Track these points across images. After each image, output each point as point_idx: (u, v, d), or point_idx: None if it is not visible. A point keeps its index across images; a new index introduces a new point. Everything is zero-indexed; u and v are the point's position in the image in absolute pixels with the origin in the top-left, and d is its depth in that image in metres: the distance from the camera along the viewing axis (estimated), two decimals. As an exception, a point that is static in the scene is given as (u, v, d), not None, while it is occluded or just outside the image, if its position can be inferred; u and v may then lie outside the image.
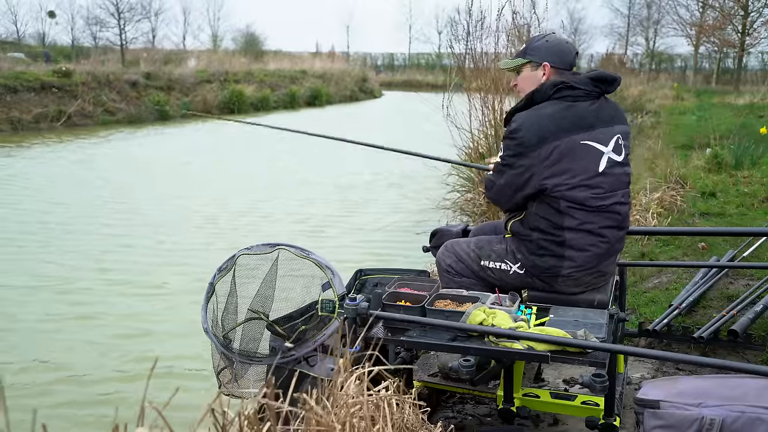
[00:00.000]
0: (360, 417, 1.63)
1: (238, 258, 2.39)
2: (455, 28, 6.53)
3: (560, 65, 2.37)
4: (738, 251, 4.33)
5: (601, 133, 2.27)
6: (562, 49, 2.39)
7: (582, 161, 2.22)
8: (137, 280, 5.29)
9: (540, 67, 2.38)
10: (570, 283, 2.29)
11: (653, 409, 1.95)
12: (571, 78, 2.30)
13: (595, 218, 2.24)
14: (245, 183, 9.63)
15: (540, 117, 2.24)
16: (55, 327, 4.41)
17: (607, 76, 2.34)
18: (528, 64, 2.41)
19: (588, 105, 2.28)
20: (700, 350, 3.18)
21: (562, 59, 2.38)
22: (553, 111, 2.24)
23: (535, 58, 2.38)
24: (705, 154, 8.08)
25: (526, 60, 2.41)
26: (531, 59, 2.39)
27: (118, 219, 7.28)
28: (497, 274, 2.39)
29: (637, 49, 39.84)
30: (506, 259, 2.37)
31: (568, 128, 2.21)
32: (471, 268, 2.43)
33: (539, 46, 2.39)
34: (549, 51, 2.37)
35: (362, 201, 8.52)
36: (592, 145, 2.24)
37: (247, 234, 6.71)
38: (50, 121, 16.08)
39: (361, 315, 2.16)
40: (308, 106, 25.13)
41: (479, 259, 2.41)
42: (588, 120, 2.26)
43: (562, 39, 2.45)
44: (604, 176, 2.25)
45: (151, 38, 41.34)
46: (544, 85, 2.30)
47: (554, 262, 2.26)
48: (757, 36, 24.90)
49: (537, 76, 2.38)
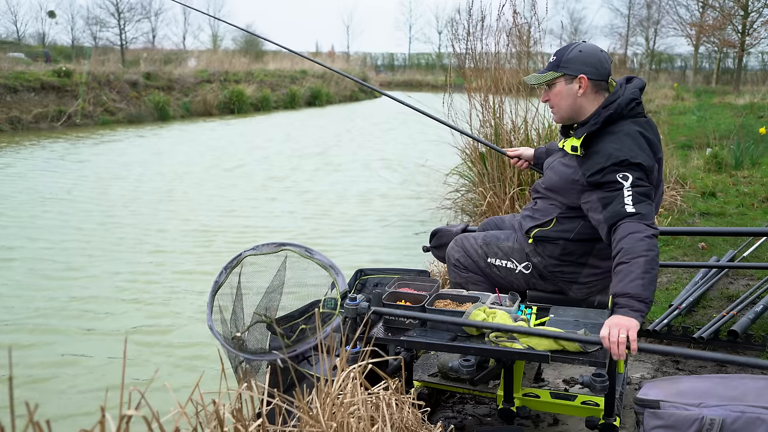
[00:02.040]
0: (359, 417, 1.63)
1: (244, 257, 2.40)
2: (456, 28, 6.50)
3: (597, 77, 2.20)
4: (738, 251, 4.33)
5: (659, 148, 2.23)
6: (600, 58, 2.21)
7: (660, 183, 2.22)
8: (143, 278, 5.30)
9: (575, 80, 2.20)
10: (584, 290, 2.30)
11: (653, 409, 1.95)
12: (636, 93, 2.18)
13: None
14: (243, 183, 9.62)
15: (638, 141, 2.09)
16: (56, 328, 4.41)
17: (643, 84, 2.25)
18: (561, 78, 2.22)
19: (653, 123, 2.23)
20: (700, 350, 3.18)
21: (599, 70, 2.20)
22: (640, 131, 2.12)
23: (570, 70, 2.20)
24: (705, 154, 8.08)
25: (559, 73, 2.22)
26: (565, 72, 2.21)
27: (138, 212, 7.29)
28: (503, 272, 2.39)
29: (637, 49, 39.85)
30: (512, 258, 2.36)
31: (657, 148, 2.17)
32: (478, 264, 2.43)
33: (573, 58, 2.20)
34: (585, 62, 2.19)
35: (362, 201, 8.52)
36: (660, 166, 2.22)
37: (246, 234, 6.72)
38: (50, 121, 16.08)
39: (361, 315, 2.16)
40: (308, 106, 25.13)
41: (486, 257, 2.41)
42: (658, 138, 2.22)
43: (596, 47, 2.26)
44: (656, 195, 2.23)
45: (151, 38, 41.44)
46: (618, 106, 2.14)
47: (575, 268, 2.26)
48: (757, 36, 24.88)
49: (573, 90, 2.21)
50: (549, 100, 2.28)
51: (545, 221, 2.31)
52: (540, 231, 2.31)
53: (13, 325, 4.40)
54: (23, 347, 4.09)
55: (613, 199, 2.05)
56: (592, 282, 2.27)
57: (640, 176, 2.05)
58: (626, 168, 2.05)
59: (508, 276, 2.38)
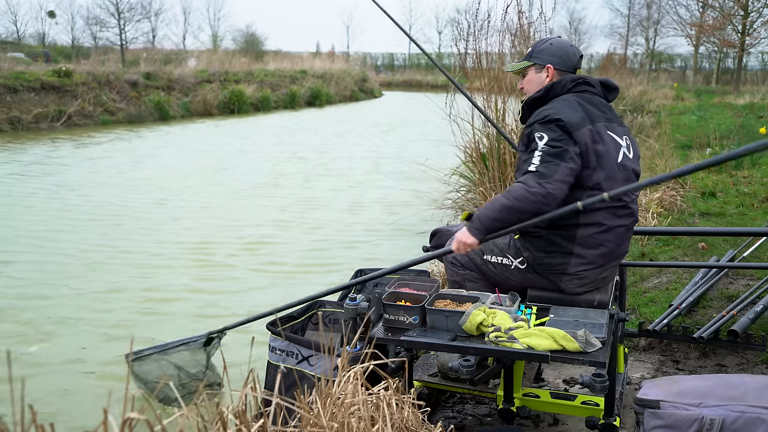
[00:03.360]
0: (359, 417, 1.63)
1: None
2: (459, 27, 6.52)
3: (563, 68, 2.43)
4: (738, 251, 4.33)
5: (617, 126, 2.34)
6: (567, 51, 2.44)
7: (611, 150, 2.25)
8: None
9: (543, 69, 2.43)
10: (575, 282, 2.29)
11: (653, 409, 1.95)
12: (586, 76, 2.38)
13: (609, 215, 2.25)
14: (242, 182, 9.62)
15: (570, 103, 2.27)
16: (57, 326, 4.41)
17: (611, 84, 2.45)
18: (533, 67, 2.46)
19: (603, 101, 2.37)
20: (700, 350, 3.18)
21: (565, 62, 2.43)
22: (579, 99, 2.29)
23: (540, 60, 2.44)
24: (705, 154, 8.09)
25: (530, 63, 2.46)
26: (536, 62, 2.45)
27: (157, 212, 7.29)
28: (498, 268, 2.41)
29: (637, 49, 39.85)
30: (507, 254, 2.38)
31: (596, 115, 2.27)
32: (474, 261, 2.45)
33: (544, 49, 2.44)
34: (553, 53, 2.42)
35: (362, 201, 8.52)
36: (612, 136, 2.29)
37: (247, 232, 6.72)
38: (50, 121, 16.08)
39: (361, 315, 2.17)
40: (308, 106, 25.13)
41: (482, 253, 2.43)
42: (606, 113, 2.33)
43: (567, 42, 2.50)
44: (621, 169, 2.27)
45: (151, 38, 41.45)
46: (564, 79, 2.36)
47: (562, 259, 2.26)
48: (757, 36, 24.89)
49: (541, 78, 2.44)
50: (523, 87, 2.51)
51: None
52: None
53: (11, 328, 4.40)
54: (24, 349, 4.08)
55: (527, 161, 2.21)
56: (581, 273, 2.27)
57: (557, 137, 2.16)
58: (544, 125, 2.20)
59: (504, 272, 2.39)
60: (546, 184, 2.11)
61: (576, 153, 2.16)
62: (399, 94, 32.24)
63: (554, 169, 2.12)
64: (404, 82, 40.28)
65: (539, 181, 2.12)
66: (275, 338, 2.46)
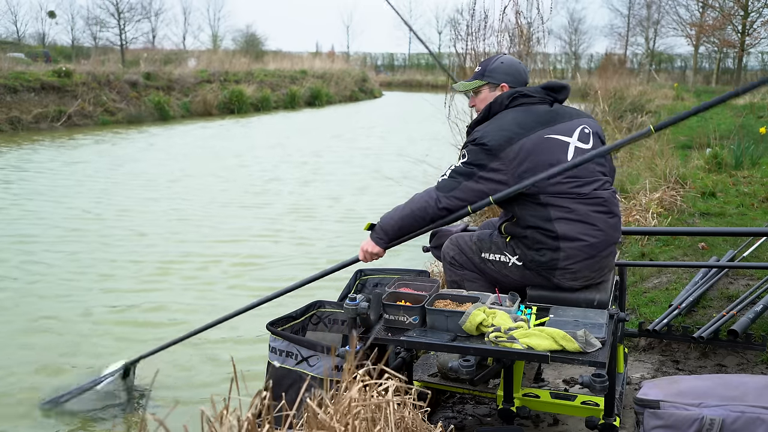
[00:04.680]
0: (362, 418, 1.63)
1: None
2: (458, 28, 6.52)
3: (516, 84, 2.52)
4: (738, 251, 4.33)
5: (562, 126, 2.38)
6: (518, 69, 2.55)
7: (550, 154, 2.31)
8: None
9: (498, 88, 2.52)
10: (568, 276, 2.30)
11: (653, 409, 1.95)
12: (524, 88, 2.47)
13: (580, 206, 2.29)
14: (240, 183, 9.63)
15: (501, 123, 2.36)
16: (59, 325, 4.41)
17: (556, 84, 2.51)
18: (486, 86, 2.55)
19: (545, 108, 2.43)
20: (700, 350, 3.18)
21: (518, 79, 2.53)
22: (514, 116, 2.37)
23: (493, 79, 2.53)
24: (705, 154, 8.08)
25: (484, 81, 2.55)
26: (489, 80, 2.53)
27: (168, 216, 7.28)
28: (497, 266, 2.42)
29: (637, 49, 39.86)
30: (505, 251, 2.40)
31: (531, 126, 2.34)
32: (473, 261, 2.47)
33: (496, 68, 2.53)
34: (506, 72, 2.52)
35: (362, 201, 8.53)
36: (555, 137, 2.34)
37: (246, 231, 6.73)
38: (50, 121, 16.08)
39: (360, 315, 2.17)
40: (308, 106, 25.14)
41: (480, 252, 2.45)
42: (546, 117, 2.39)
43: (515, 60, 2.61)
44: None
45: (151, 38, 41.47)
46: (500, 97, 2.43)
47: (551, 255, 2.29)
48: (757, 36, 24.88)
49: (495, 96, 2.49)
50: (475, 105, 2.59)
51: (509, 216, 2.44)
52: (508, 225, 2.42)
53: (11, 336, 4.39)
54: (25, 354, 4.08)
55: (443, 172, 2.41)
56: (571, 266, 2.29)
57: (474, 160, 2.31)
58: (469, 147, 2.35)
59: (502, 270, 2.41)
60: (443, 198, 2.33)
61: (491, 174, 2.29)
62: (399, 94, 32.24)
63: (454, 186, 2.32)
64: (404, 82, 40.29)
65: (438, 194, 2.35)
66: (275, 338, 2.45)
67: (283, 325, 2.61)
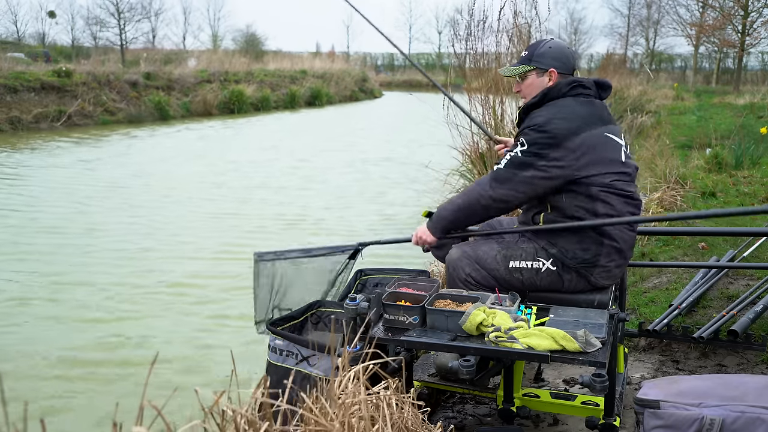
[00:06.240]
0: (360, 417, 1.63)
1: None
2: (457, 28, 6.51)
3: (565, 71, 2.42)
4: (738, 251, 4.32)
5: (614, 127, 2.35)
6: (566, 54, 2.44)
7: (609, 152, 2.27)
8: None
9: (546, 74, 2.42)
10: (604, 274, 2.29)
11: (653, 409, 1.95)
12: (581, 78, 2.37)
13: (623, 206, 2.28)
14: (241, 182, 9.63)
15: (566, 110, 2.27)
16: (56, 326, 4.41)
17: (605, 83, 2.45)
18: (534, 71, 2.44)
19: (600, 104, 2.38)
20: (700, 350, 3.18)
21: (566, 64, 2.43)
22: (575, 106, 2.29)
23: (541, 64, 2.42)
24: (705, 154, 8.08)
25: (531, 66, 2.43)
26: (536, 66, 2.42)
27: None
28: (527, 274, 2.32)
29: (637, 49, 39.85)
30: (538, 257, 2.30)
31: (593, 121, 2.27)
32: (495, 274, 2.34)
33: (544, 53, 2.42)
34: (554, 57, 2.41)
35: (362, 201, 8.53)
36: (611, 137, 2.30)
37: (246, 231, 6.73)
38: (50, 121, 16.08)
39: (361, 315, 2.16)
40: (308, 106, 25.13)
41: (507, 261, 2.33)
42: (604, 115, 2.34)
43: (564, 44, 2.51)
44: (626, 166, 2.31)
45: (151, 38, 41.45)
46: (560, 83, 2.35)
47: (595, 249, 2.26)
48: (757, 36, 24.88)
49: (543, 82, 2.42)
50: (521, 91, 2.50)
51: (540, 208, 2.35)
52: (546, 215, 2.33)
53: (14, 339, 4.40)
54: (26, 356, 4.09)
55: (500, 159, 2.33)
56: (608, 265, 2.27)
57: (535, 148, 2.21)
58: (530, 132, 2.24)
59: (533, 277, 2.32)
60: (498, 189, 2.25)
61: (553, 163, 2.20)
62: (399, 94, 32.22)
63: (510, 177, 2.24)
64: (404, 83, 40.23)
65: (493, 184, 2.26)
66: (275, 338, 2.45)
67: (283, 325, 2.61)
